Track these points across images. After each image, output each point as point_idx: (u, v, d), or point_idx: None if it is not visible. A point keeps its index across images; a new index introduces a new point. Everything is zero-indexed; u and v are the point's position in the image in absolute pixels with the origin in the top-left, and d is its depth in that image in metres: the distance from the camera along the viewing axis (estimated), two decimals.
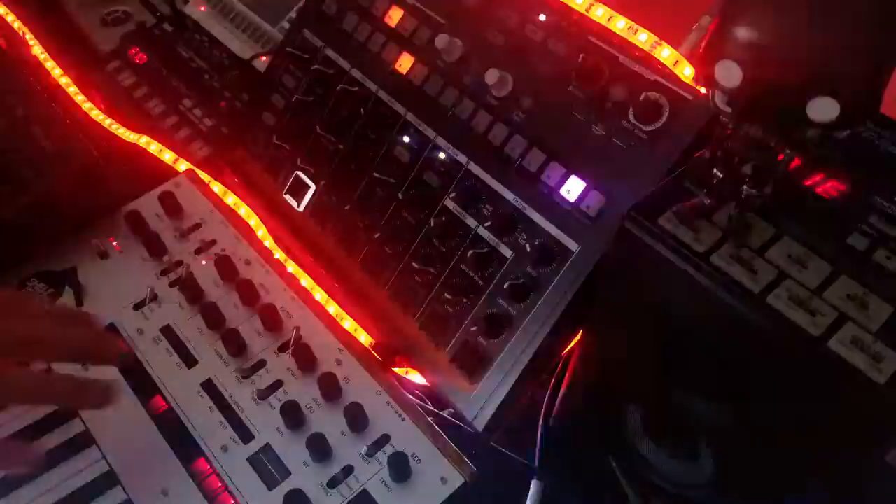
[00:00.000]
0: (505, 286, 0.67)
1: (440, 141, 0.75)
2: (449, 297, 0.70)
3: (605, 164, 0.65)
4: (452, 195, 0.73)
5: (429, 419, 0.67)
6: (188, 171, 0.88)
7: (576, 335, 0.69)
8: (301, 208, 0.84)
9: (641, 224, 0.49)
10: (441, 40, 0.73)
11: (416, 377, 0.74)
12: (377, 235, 0.77)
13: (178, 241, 0.81)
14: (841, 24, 0.36)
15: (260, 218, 0.86)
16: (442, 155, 0.74)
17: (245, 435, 0.67)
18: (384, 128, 0.79)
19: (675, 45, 0.66)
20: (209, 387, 0.70)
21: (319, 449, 0.64)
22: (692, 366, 0.52)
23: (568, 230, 0.66)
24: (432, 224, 0.73)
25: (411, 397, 0.71)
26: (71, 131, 0.80)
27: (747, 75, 0.38)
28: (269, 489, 0.64)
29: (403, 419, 0.67)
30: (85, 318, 0.66)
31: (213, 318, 0.73)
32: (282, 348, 0.72)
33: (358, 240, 0.79)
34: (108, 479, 0.65)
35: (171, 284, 0.77)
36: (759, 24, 0.38)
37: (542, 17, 0.70)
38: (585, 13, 0.69)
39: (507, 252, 0.69)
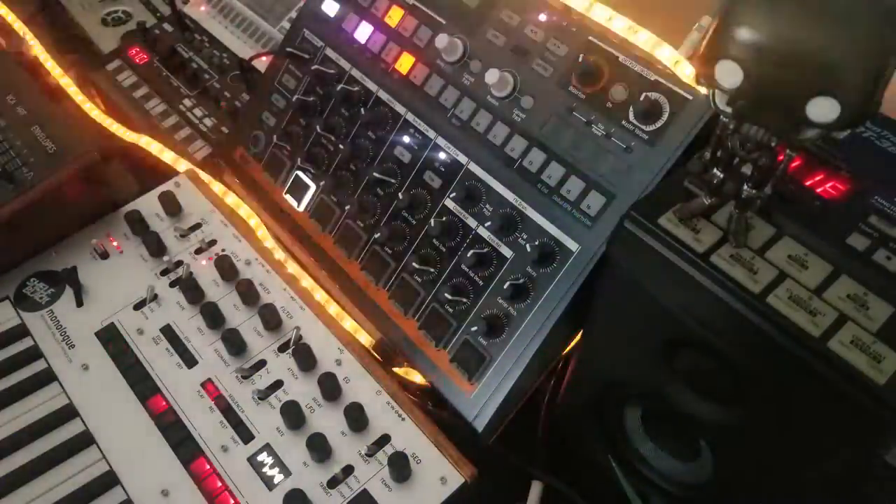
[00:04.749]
0: (505, 286, 0.67)
1: (440, 141, 0.75)
2: (449, 296, 0.70)
3: (605, 164, 0.65)
4: (452, 195, 0.73)
5: (429, 419, 0.67)
6: (188, 171, 0.88)
7: (576, 335, 0.69)
8: (301, 208, 0.84)
9: (641, 224, 0.49)
10: (441, 40, 0.73)
11: (416, 377, 0.75)
12: (377, 235, 0.77)
13: (178, 241, 0.81)
14: (841, 25, 0.36)
15: (260, 218, 0.86)
16: (442, 155, 0.74)
17: (245, 435, 0.67)
18: (384, 128, 0.79)
19: (675, 45, 0.66)
20: (209, 386, 0.70)
21: (319, 449, 0.64)
22: (692, 366, 0.52)
23: (568, 230, 0.66)
24: (432, 224, 0.73)
25: (411, 397, 0.71)
26: (71, 131, 0.80)
27: (747, 75, 0.38)
28: (269, 489, 0.64)
29: (403, 419, 0.67)
30: None
31: (213, 318, 0.73)
32: (282, 348, 0.72)
33: (358, 240, 0.79)
34: (108, 479, 0.65)
35: (171, 284, 0.77)
36: (759, 24, 0.38)
37: (542, 17, 0.70)
38: (585, 13, 0.69)
39: (507, 252, 0.69)
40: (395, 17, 0.80)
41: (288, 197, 0.86)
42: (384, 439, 0.66)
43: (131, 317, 0.75)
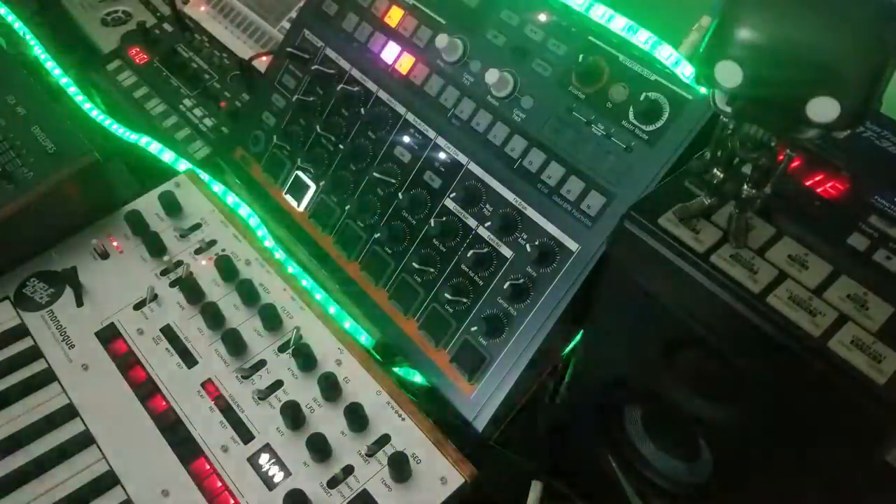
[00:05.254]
0: (505, 286, 0.67)
1: (440, 141, 0.75)
2: (449, 297, 0.70)
3: (605, 164, 0.65)
4: (452, 195, 0.73)
5: (429, 419, 0.67)
6: (188, 171, 0.88)
7: (576, 335, 0.69)
8: (301, 208, 0.84)
9: (641, 224, 0.49)
10: (441, 40, 0.73)
11: (416, 377, 0.75)
12: (377, 235, 0.77)
13: (178, 241, 0.81)
14: (841, 24, 0.36)
15: (260, 218, 0.86)
16: (442, 155, 0.74)
17: (245, 435, 0.67)
18: (384, 128, 0.79)
19: (675, 45, 0.66)
20: (209, 386, 0.70)
21: (319, 449, 0.64)
22: (692, 366, 0.52)
23: (568, 230, 0.66)
24: (432, 224, 0.73)
25: (411, 397, 0.71)
26: (71, 131, 0.80)
27: (747, 75, 0.38)
28: (269, 489, 0.64)
29: (403, 419, 0.67)
30: None
31: (213, 318, 0.73)
32: (282, 348, 0.72)
33: (358, 240, 0.79)
34: (108, 479, 0.65)
35: (171, 284, 0.77)
36: (759, 24, 0.38)
37: (542, 17, 0.70)
38: (585, 13, 0.69)
39: (507, 252, 0.69)
40: (395, 17, 0.80)
41: (288, 197, 0.86)
42: (384, 439, 0.66)
43: (131, 317, 0.75)
